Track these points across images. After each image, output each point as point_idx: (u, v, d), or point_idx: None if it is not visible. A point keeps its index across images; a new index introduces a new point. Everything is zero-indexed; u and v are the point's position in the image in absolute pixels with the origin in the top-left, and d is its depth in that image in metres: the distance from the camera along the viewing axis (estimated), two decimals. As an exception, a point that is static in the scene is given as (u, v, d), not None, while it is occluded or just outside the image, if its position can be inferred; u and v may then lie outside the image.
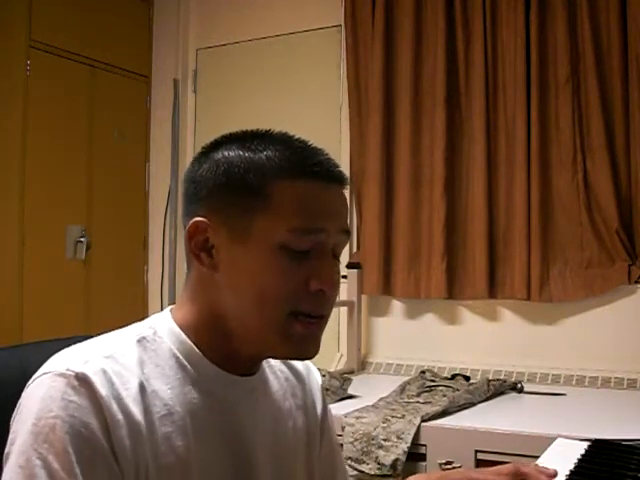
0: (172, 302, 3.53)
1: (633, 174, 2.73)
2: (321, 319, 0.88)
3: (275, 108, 3.36)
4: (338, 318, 3.13)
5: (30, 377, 0.82)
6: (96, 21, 3.36)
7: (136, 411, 0.80)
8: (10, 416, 0.81)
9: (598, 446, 1.28)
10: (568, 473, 1.11)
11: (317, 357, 0.94)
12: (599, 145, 2.75)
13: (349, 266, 3.06)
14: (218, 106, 3.57)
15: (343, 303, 3.06)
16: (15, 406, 0.81)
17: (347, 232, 0.91)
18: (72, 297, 3.27)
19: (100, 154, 3.40)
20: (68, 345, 0.86)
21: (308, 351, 0.89)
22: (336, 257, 0.90)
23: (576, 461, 1.17)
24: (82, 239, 3.27)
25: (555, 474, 1.06)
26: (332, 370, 2.79)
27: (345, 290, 3.09)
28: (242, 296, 0.86)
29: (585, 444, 1.28)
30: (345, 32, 3.21)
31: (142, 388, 0.82)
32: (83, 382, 0.78)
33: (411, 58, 3.03)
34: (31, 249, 3.07)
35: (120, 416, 0.79)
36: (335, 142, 3.28)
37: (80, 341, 0.88)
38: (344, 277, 3.12)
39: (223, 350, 0.89)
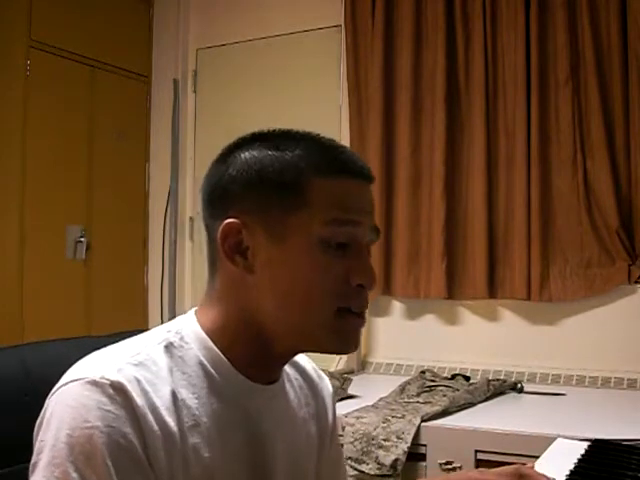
0: (172, 302, 3.52)
1: (633, 174, 2.73)
2: (363, 314, 0.89)
3: (275, 108, 3.36)
4: (338, 318, 3.12)
5: (31, 377, 0.81)
6: (96, 21, 3.36)
7: (170, 421, 0.79)
8: (11, 416, 0.80)
9: (598, 446, 1.28)
10: (568, 473, 1.11)
11: (317, 357, 0.94)
12: (599, 145, 2.75)
13: (349, 266, 3.05)
14: (218, 106, 3.56)
15: (343, 303, 3.06)
16: (16, 405, 0.80)
17: (378, 230, 0.91)
18: (72, 297, 3.27)
19: (100, 154, 3.39)
20: (68, 345, 0.86)
21: (352, 346, 0.89)
22: (368, 253, 0.91)
23: (576, 461, 1.17)
24: (82, 239, 3.27)
25: None
26: (332, 370, 2.79)
27: (345, 290, 3.08)
28: (284, 296, 0.85)
29: (585, 444, 1.28)
30: (345, 32, 3.21)
31: (174, 397, 0.81)
32: (119, 391, 0.76)
33: (411, 58, 3.03)
34: (31, 249, 3.07)
35: (156, 427, 0.77)
36: (335, 142, 3.28)
37: (80, 341, 0.88)
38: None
39: (250, 355, 0.87)
